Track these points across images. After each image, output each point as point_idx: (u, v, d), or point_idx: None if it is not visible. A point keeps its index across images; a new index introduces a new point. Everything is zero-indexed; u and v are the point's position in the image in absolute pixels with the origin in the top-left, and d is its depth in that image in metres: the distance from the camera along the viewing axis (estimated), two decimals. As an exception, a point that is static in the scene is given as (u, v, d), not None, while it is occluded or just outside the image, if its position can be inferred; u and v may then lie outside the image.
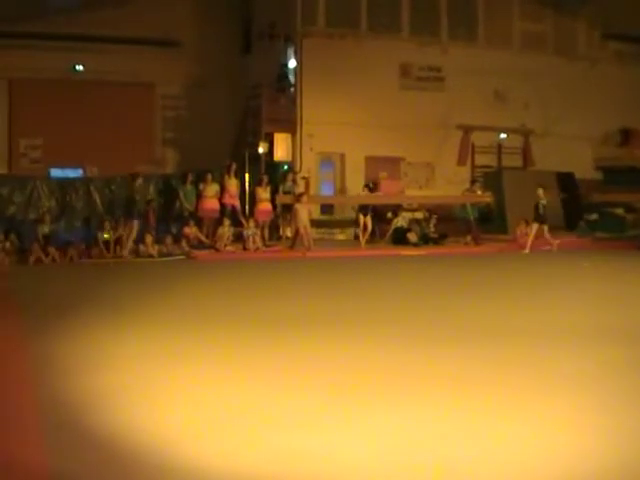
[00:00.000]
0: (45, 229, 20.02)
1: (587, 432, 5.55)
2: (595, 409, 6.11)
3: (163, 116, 29.59)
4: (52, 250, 19.27)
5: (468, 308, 11.37)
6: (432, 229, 23.58)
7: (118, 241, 20.34)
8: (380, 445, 5.29)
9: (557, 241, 21.60)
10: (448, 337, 9.03)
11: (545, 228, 21.60)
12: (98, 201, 22.50)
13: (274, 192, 22.77)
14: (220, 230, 21.33)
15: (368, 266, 18.76)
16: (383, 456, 5.09)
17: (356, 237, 24.01)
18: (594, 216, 24.68)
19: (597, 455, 5.09)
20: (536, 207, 21.77)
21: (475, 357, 7.93)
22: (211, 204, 22.17)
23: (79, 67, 27.77)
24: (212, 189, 22.24)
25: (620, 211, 24.52)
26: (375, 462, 4.98)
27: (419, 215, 24.13)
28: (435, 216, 23.67)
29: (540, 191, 21.84)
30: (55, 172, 26.73)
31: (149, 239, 20.45)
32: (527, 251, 21.31)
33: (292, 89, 27.04)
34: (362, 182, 24.90)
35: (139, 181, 21.33)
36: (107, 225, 20.49)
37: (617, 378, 7.13)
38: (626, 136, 28.73)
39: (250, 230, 21.23)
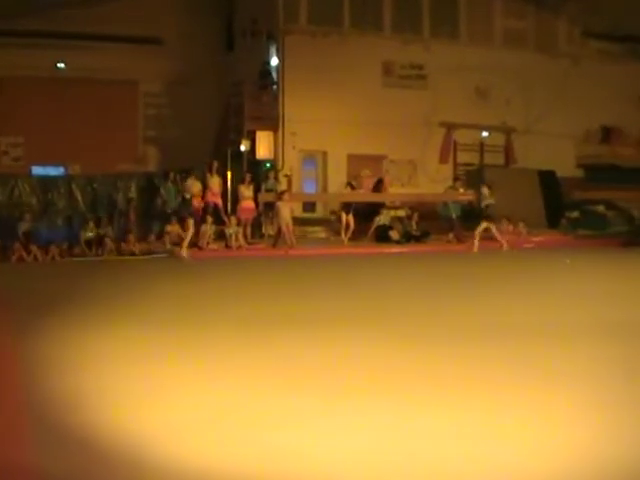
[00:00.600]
0: (25, 227, 20.10)
1: (584, 429, 5.56)
2: (592, 406, 6.12)
3: (145, 114, 29.62)
4: (34, 248, 19.34)
5: (454, 306, 11.39)
6: (414, 227, 23.73)
7: (101, 240, 20.44)
8: (375, 444, 5.29)
9: (506, 241, 21.72)
10: (437, 336, 9.05)
11: (493, 227, 21.65)
12: (80, 199, 22.53)
13: (257, 190, 22.86)
14: (202, 228, 21.41)
15: (351, 264, 18.81)
16: (378, 456, 5.09)
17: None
18: (575, 214, 24.82)
19: (595, 453, 5.09)
20: (483, 207, 21.98)
21: (467, 356, 7.94)
22: (195, 202, 22.20)
23: (61, 65, 27.80)
24: (196, 186, 22.30)
25: (601, 209, 24.68)
26: (369, 462, 4.97)
27: (401, 213, 24.22)
28: (417, 214, 23.82)
29: (485, 190, 22.03)
30: (37, 170, 26.76)
31: (132, 237, 20.57)
32: (475, 250, 21.35)
33: (275, 87, 27.15)
34: (345, 180, 25.10)
35: (190, 181, 21.52)
36: (90, 224, 20.62)
37: (615, 375, 7.14)
38: (607, 134, 28.98)
39: (232, 228, 21.29)
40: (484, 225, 21.43)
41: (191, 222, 19.93)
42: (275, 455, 5.11)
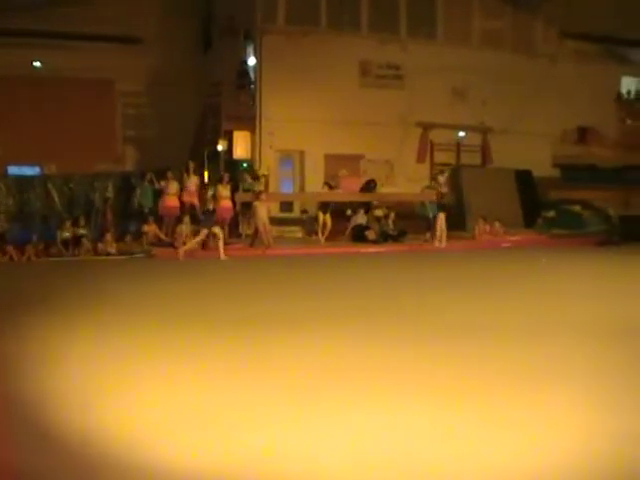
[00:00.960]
0: (0, 228, 20.10)
1: (577, 427, 5.64)
2: (583, 404, 6.23)
3: (123, 113, 29.58)
4: (9, 249, 19.34)
5: (438, 306, 11.47)
6: (391, 226, 23.90)
7: (77, 240, 20.43)
8: (363, 445, 5.34)
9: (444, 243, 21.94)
10: (424, 335, 9.12)
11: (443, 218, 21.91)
12: (57, 199, 22.50)
13: (234, 190, 22.94)
14: (179, 228, 21.43)
15: (329, 263, 18.91)
16: (367, 455, 5.14)
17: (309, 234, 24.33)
18: (551, 213, 25.06)
19: (588, 451, 5.18)
20: (440, 196, 22.21)
21: (455, 355, 8.02)
22: (172, 202, 22.27)
23: (37, 64, 27.74)
24: (173, 186, 22.37)
25: (577, 208, 24.93)
26: (358, 461, 5.02)
27: (378, 212, 24.33)
28: (393, 213, 23.97)
29: (441, 178, 22.27)
30: (12, 170, 26.69)
31: (109, 237, 20.58)
32: (443, 245, 21.59)
33: (252, 86, 27.19)
34: (322, 180, 25.20)
35: (210, 191, 21.60)
36: (67, 223, 20.61)
37: (603, 373, 7.29)
38: (583, 134, 29.19)
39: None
40: (442, 216, 21.64)
41: (204, 232, 19.99)
42: (258, 456, 5.13)
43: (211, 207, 20.53)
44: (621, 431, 5.58)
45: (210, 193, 21.45)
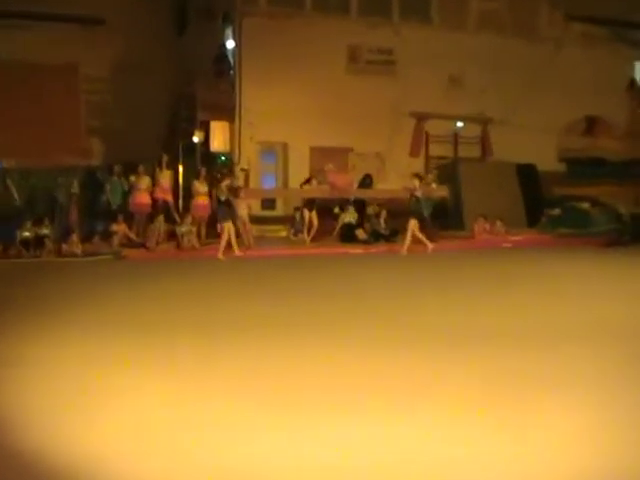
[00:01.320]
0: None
1: (568, 434, 5.66)
2: (575, 408, 6.28)
3: (88, 102, 29.13)
4: (-34, 250, 19.07)
5: (430, 309, 11.48)
6: (383, 225, 23.46)
7: (39, 240, 20.03)
8: (353, 452, 5.33)
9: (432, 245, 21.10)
10: (416, 341, 9.00)
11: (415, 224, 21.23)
12: (16, 196, 22.11)
13: (211, 185, 22.54)
14: (151, 227, 21.10)
15: (315, 265, 18.65)
16: (357, 462, 5.13)
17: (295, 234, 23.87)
18: (557, 211, 24.78)
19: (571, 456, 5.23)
20: (410, 201, 21.61)
21: (445, 360, 7.99)
22: (143, 198, 22.00)
23: (-9, 45, 27.29)
24: (144, 182, 22.01)
25: (585, 205, 24.61)
26: (349, 469, 5.04)
27: (369, 210, 23.96)
28: (384, 211, 23.53)
29: (416, 182, 21.72)
30: (-33, 164, 26.26)
31: (75, 237, 20.20)
32: (404, 253, 20.90)
33: (231, 72, 26.86)
34: (307, 174, 24.93)
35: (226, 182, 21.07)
36: (27, 222, 20.18)
37: (613, 380, 7.26)
38: (591, 125, 28.95)
39: (184, 227, 20.97)
40: (413, 222, 20.98)
41: (227, 226, 19.80)
42: (249, 466, 5.12)
43: (223, 198, 20.12)
44: (624, 436, 5.64)
45: (225, 183, 20.95)
